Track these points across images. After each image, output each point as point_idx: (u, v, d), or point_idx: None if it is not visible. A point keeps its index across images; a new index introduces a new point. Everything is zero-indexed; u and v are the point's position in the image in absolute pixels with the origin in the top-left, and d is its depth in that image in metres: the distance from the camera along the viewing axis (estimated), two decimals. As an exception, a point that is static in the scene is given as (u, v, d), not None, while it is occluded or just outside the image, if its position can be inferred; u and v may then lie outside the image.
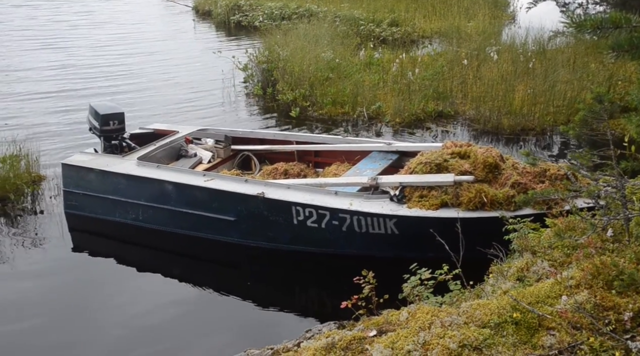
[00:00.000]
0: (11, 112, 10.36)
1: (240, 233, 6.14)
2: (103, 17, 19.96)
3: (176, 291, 5.72)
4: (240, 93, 12.07)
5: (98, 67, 13.62)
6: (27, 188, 7.40)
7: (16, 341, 4.98)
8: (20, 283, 5.79)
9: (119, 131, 7.26)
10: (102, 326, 5.16)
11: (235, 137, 7.68)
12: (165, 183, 6.30)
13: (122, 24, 19.76)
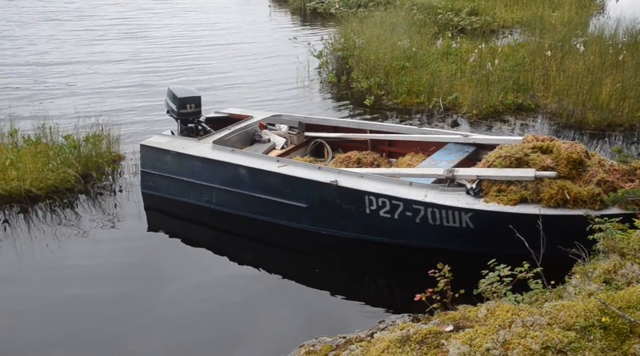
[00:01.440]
0: (95, 94, 10.73)
1: (311, 221, 6.12)
2: (182, 6, 20.37)
3: (245, 275, 5.76)
4: (315, 81, 12.05)
5: (176, 54, 13.91)
6: (108, 167, 7.66)
7: (86, 312, 5.16)
8: (96, 258, 6.00)
9: (196, 114, 7.37)
10: (170, 304, 5.27)
11: (308, 124, 7.66)
12: (239, 168, 6.35)
13: (201, 11, 20.12)
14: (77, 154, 7.46)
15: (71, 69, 12.17)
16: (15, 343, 4.75)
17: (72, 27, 16.14)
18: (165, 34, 15.96)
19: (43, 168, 7.13)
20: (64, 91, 10.82)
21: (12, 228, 6.41)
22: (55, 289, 5.46)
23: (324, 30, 15.99)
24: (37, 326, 4.96)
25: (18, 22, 15.02)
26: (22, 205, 6.77)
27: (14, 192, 6.80)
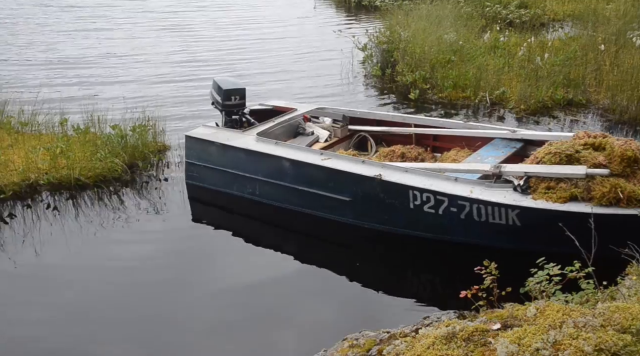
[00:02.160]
0: (142, 85, 10.90)
1: (354, 214, 6.09)
2: (229, 1, 20.47)
3: (287, 267, 5.77)
4: (359, 74, 11.98)
5: (222, 47, 14.01)
6: (154, 157, 7.76)
7: (130, 297, 5.27)
8: (141, 245, 6.10)
9: (240, 106, 7.40)
10: (212, 293, 5.31)
11: (352, 117, 7.61)
12: (283, 160, 6.35)
13: (247, 5, 20.18)
14: (124, 144, 7.58)
15: (119, 62, 12.39)
16: (60, 324, 4.89)
17: (122, 21, 16.42)
18: (212, 27, 16.10)
19: (91, 158, 7.27)
20: (113, 82, 11.02)
21: (61, 215, 6.56)
22: (101, 274, 5.57)
23: (369, 23, 15.89)
24: (82, 309, 5.08)
25: (67, 16, 15.37)
26: (71, 192, 6.92)
27: (63, 180, 6.96)
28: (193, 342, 4.71)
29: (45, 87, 10.21)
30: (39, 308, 5.08)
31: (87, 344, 4.68)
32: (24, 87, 10.20)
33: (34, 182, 6.90)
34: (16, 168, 7.00)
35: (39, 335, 4.74)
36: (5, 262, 5.73)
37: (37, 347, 4.62)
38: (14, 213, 6.53)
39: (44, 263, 5.76)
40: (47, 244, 6.02)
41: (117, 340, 4.73)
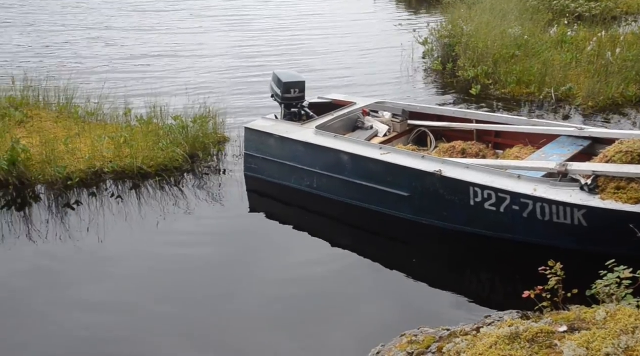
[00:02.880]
0: (203, 77, 11.06)
1: (412, 210, 6.00)
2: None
3: (342, 261, 5.74)
4: (419, 68, 11.82)
5: (282, 41, 14.08)
6: (213, 147, 7.87)
7: (183, 286, 5.36)
8: (199, 234, 6.18)
9: (299, 99, 7.41)
10: (266, 284, 5.34)
11: (412, 112, 7.50)
12: (341, 153, 6.32)
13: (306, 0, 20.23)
14: (185, 134, 7.71)
15: (182, 55, 12.59)
16: (118, 308, 5.02)
17: (185, 17, 16.70)
18: (273, 22, 16.20)
19: (153, 147, 7.42)
20: (175, 75, 11.21)
21: (124, 202, 6.73)
22: (158, 261, 5.69)
23: (430, 17, 15.66)
24: (139, 295, 5.21)
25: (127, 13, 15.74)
26: (134, 181, 7.09)
27: (127, 168, 7.14)
28: (245, 333, 4.75)
29: (111, 79, 10.48)
30: (99, 292, 5.22)
31: (141, 328, 4.79)
32: (91, 78, 10.50)
33: (98, 169, 7.10)
34: (82, 156, 7.22)
35: (97, 318, 4.88)
36: (70, 247, 5.92)
37: (94, 329, 4.76)
38: (80, 200, 6.74)
39: (106, 249, 5.92)
40: (110, 231, 6.18)
41: (169, 325, 4.82)
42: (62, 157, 7.15)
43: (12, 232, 6.15)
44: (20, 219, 6.39)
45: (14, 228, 6.22)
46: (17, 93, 8.85)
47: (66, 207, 6.60)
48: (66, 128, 7.98)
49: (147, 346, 4.61)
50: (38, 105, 8.78)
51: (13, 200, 6.69)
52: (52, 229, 6.19)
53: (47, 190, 6.85)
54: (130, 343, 4.62)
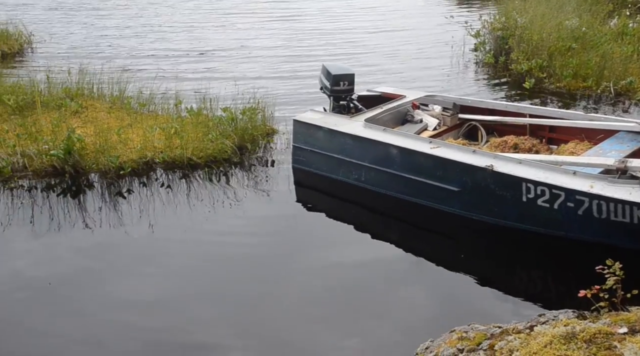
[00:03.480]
0: (253, 70, 11.11)
1: (462, 205, 5.90)
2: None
3: (390, 255, 5.70)
4: (470, 61, 11.59)
5: (331, 33, 14.03)
6: (262, 139, 7.90)
7: (229, 275, 5.43)
8: (246, 226, 6.23)
9: (348, 92, 7.37)
10: (310, 276, 5.36)
11: (463, 106, 7.37)
12: (391, 147, 6.26)
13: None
14: (234, 126, 7.76)
15: (232, 48, 12.66)
16: (168, 295, 5.12)
17: (235, 11, 16.80)
18: (323, 15, 16.15)
19: (203, 138, 7.50)
20: (225, 68, 11.28)
21: (173, 193, 6.82)
22: (206, 251, 5.76)
23: (483, 9, 15.33)
24: (185, 283, 5.31)
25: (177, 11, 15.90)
26: (184, 171, 7.18)
27: (177, 159, 7.23)
28: (290, 327, 4.76)
29: (162, 71, 10.63)
30: (146, 280, 5.33)
31: (184, 318, 4.85)
32: (143, 71, 10.66)
33: (150, 160, 7.22)
34: (134, 147, 7.36)
35: (142, 306, 4.99)
36: (122, 234, 6.05)
37: (139, 316, 4.87)
38: (131, 189, 6.87)
39: (155, 237, 6.02)
40: (159, 219, 6.28)
41: (213, 316, 4.87)
42: (115, 146, 7.29)
43: (67, 218, 6.32)
44: (75, 206, 6.57)
45: (69, 215, 6.39)
46: (72, 84, 9.07)
47: (118, 196, 6.74)
48: (119, 118, 8.15)
49: (190, 335, 4.65)
50: (92, 96, 8.99)
51: (68, 188, 6.88)
52: (104, 217, 6.33)
53: (101, 178, 7.01)
54: (173, 332, 4.68)
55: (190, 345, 4.55)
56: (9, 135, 7.50)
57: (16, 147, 7.15)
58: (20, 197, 6.66)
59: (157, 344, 4.60)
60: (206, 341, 4.59)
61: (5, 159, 7.01)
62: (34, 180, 6.94)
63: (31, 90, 8.69)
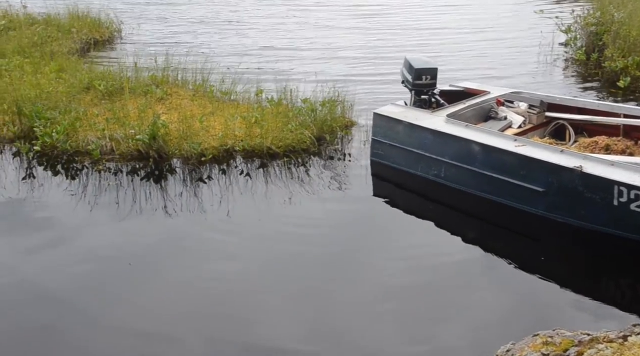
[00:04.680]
0: (334, 62, 11.09)
1: (546, 206, 5.67)
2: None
3: (465, 253, 5.57)
4: (559, 58, 11.13)
5: (415, 26, 13.84)
6: (341, 132, 7.88)
7: (301, 266, 5.45)
8: (321, 217, 6.22)
9: (430, 86, 7.23)
10: (382, 273, 5.29)
11: (551, 103, 7.07)
12: (473, 144, 6.10)
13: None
14: (314, 117, 7.77)
15: (313, 41, 12.70)
16: (240, 281, 5.22)
17: (320, 8, 16.86)
18: (405, 9, 15.94)
19: (283, 128, 7.55)
20: (305, 58, 11.33)
21: (252, 181, 6.91)
22: (279, 241, 5.79)
23: (575, 3, 14.68)
24: (259, 273, 5.37)
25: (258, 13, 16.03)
26: (263, 160, 7.25)
27: (256, 147, 7.31)
28: (360, 323, 4.70)
29: (244, 62, 10.73)
30: (221, 265, 5.42)
31: (254, 306, 4.90)
32: (225, 61, 10.82)
33: (230, 147, 7.33)
34: (216, 134, 7.50)
35: (214, 290, 5.08)
36: (200, 220, 6.17)
37: (211, 300, 4.97)
38: (211, 176, 7.01)
39: (233, 224, 6.11)
40: (237, 207, 6.37)
41: (282, 306, 4.89)
42: (197, 133, 7.45)
43: (149, 202, 6.51)
44: (157, 190, 6.76)
45: (151, 198, 6.58)
46: (158, 72, 9.34)
47: (199, 182, 6.89)
48: (201, 106, 8.31)
49: (255, 327, 4.67)
50: (177, 84, 9.22)
51: (152, 172, 7.08)
52: (184, 202, 6.48)
53: (183, 164, 7.19)
54: (239, 322, 4.72)
55: (254, 337, 4.55)
56: (98, 119, 7.82)
57: (105, 131, 7.45)
58: (107, 179, 6.92)
59: (222, 332, 4.63)
60: (271, 334, 4.59)
61: (95, 142, 7.31)
62: (120, 163, 7.19)
63: (120, 76, 9.02)
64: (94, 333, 4.61)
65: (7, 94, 8.15)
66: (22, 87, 8.36)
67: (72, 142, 7.38)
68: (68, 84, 8.85)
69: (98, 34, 12.47)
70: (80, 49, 11.53)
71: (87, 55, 11.25)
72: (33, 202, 6.52)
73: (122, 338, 4.55)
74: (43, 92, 8.34)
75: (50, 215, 6.27)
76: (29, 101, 7.99)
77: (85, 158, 7.27)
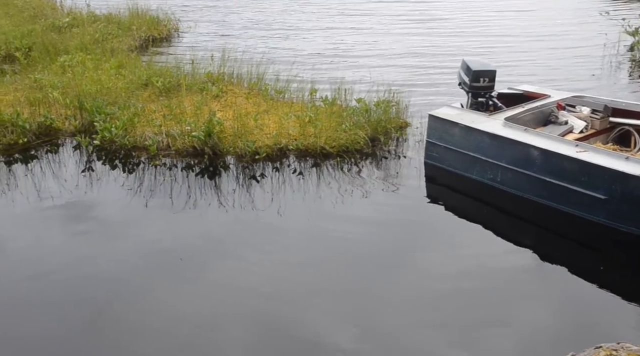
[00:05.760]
0: (389, 64, 10.98)
1: (608, 214, 5.47)
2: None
3: (520, 260, 5.44)
4: (624, 61, 10.76)
5: (470, 26, 13.61)
6: (395, 133, 7.80)
7: (351, 268, 5.41)
8: (372, 218, 6.18)
9: (488, 89, 7.12)
10: (430, 276, 5.23)
11: (615, 108, 6.82)
12: (532, 148, 5.94)
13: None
14: (367, 118, 7.72)
15: (368, 43, 12.60)
16: (289, 280, 5.22)
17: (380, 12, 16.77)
18: (459, 10, 15.69)
19: (336, 128, 7.52)
20: (360, 60, 11.23)
21: (304, 180, 6.90)
22: (329, 241, 5.78)
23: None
24: (307, 273, 5.36)
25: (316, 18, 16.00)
26: (315, 160, 7.24)
27: (310, 147, 7.31)
28: (407, 326, 4.65)
29: (299, 62, 10.72)
30: (270, 262, 5.46)
31: (301, 305, 4.90)
32: (280, 61, 10.81)
33: (284, 146, 7.35)
34: (270, 133, 7.53)
35: (263, 288, 5.10)
36: (251, 217, 6.20)
37: (259, 297, 4.99)
38: (264, 174, 7.03)
39: (284, 222, 6.11)
40: (289, 205, 6.37)
41: (328, 307, 4.88)
42: (251, 131, 7.50)
43: (203, 197, 6.58)
44: (211, 187, 6.83)
45: (205, 194, 6.65)
46: (214, 69, 9.45)
47: (252, 179, 6.93)
48: (256, 104, 8.38)
49: (304, 323, 4.69)
50: (232, 82, 9.31)
51: (206, 169, 7.16)
52: (237, 199, 6.52)
53: (236, 161, 7.25)
54: (288, 318, 4.74)
55: (301, 334, 4.56)
56: (156, 115, 7.97)
57: (162, 127, 7.57)
58: (162, 174, 7.03)
59: (268, 329, 4.65)
60: (319, 332, 4.58)
61: (152, 138, 7.44)
62: (176, 159, 7.30)
63: (177, 73, 9.16)
64: (140, 323, 4.71)
65: (70, 89, 8.40)
66: (83, 82, 8.61)
67: (130, 137, 7.53)
68: (127, 80, 9.07)
69: (156, 32, 12.73)
70: (139, 46, 11.79)
71: (145, 52, 11.48)
72: (91, 194, 6.68)
73: (168, 328, 4.63)
74: (103, 87, 8.57)
75: (106, 207, 6.42)
76: (90, 96, 8.21)
77: (142, 153, 7.41)
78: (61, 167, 7.27)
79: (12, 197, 6.61)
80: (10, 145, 7.54)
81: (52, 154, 7.58)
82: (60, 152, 7.63)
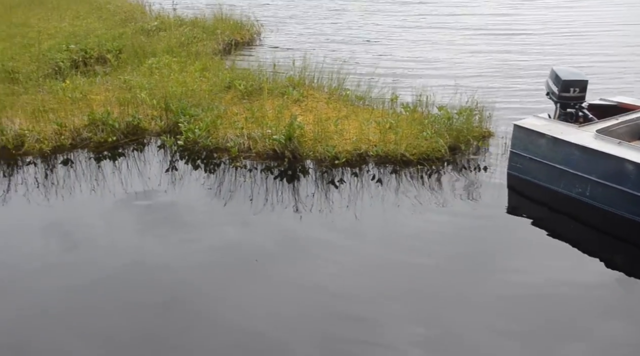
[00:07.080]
0: (473, 72, 10.70)
1: None
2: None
3: (607, 279, 5.24)
4: None
5: (558, 37, 13.12)
6: (477, 142, 7.60)
7: (421, 279, 5.31)
8: (449, 231, 6.03)
9: (578, 99, 6.84)
10: (500, 292, 5.08)
11: None
12: (626, 162, 5.66)
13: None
14: (449, 126, 7.57)
15: (452, 49, 12.39)
16: (355, 288, 5.19)
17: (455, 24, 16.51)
18: (545, 17, 15.19)
19: (417, 136, 7.42)
20: (444, 71, 11.01)
21: (383, 187, 6.84)
22: (402, 250, 5.71)
23: None
24: (378, 279, 5.33)
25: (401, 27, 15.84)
26: (395, 167, 7.16)
27: (390, 154, 7.23)
28: (480, 340, 4.52)
29: (381, 68, 10.66)
30: (342, 269, 5.45)
31: (372, 311, 4.87)
32: (361, 68, 10.74)
33: (363, 152, 7.30)
34: (350, 138, 7.50)
35: (333, 291, 5.10)
36: (328, 222, 6.18)
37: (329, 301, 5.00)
38: (343, 179, 7.01)
39: (360, 228, 6.09)
40: (365, 212, 6.33)
41: (397, 312, 4.85)
42: (331, 136, 7.50)
43: (281, 200, 6.62)
44: (289, 190, 6.87)
45: (283, 197, 6.69)
46: (295, 74, 9.52)
47: (330, 184, 6.92)
48: (336, 109, 8.38)
49: (372, 328, 4.67)
50: (312, 86, 9.35)
51: (285, 172, 7.21)
52: (315, 203, 6.53)
53: (316, 166, 7.26)
54: (357, 322, 4.72)
55: (368, 338, 4.56)
56: (238, 117, 8.10)
57: (243, 129, 7.70)
58: (242, 176, 7.14)
59: (336, 332, 4.65)
60: (388, 338, 4.56)
61: (234, 140, 7.57)
62: (256, 162, 7.40)
63: (259, 77, 9.29)
64: (214, 321, 4.79)
65: (156, 90, 8.68)
66: (169, 84, 8.87)
67: (212, 139, 7.68)
68: (211, 83, 9.27)
69: (239, 36, 12.97)
70: (223, 50, 12.05)
71: (228, 56, 11.72)
72: (173, 192, 6.86)
73: (241, 325, 4.72)
74: (188, 89, 8.79)
75: (187, 206, 6.59)
76: (175, 98, 8.45)
77: (223, 154, 7.55)
78: (146, 165, 7.51)
79: (100, 192, 6.89)
80: (100, 143, 7.85)
81: (138, 153, 7.84)
82: (145, 151, 7.89)
